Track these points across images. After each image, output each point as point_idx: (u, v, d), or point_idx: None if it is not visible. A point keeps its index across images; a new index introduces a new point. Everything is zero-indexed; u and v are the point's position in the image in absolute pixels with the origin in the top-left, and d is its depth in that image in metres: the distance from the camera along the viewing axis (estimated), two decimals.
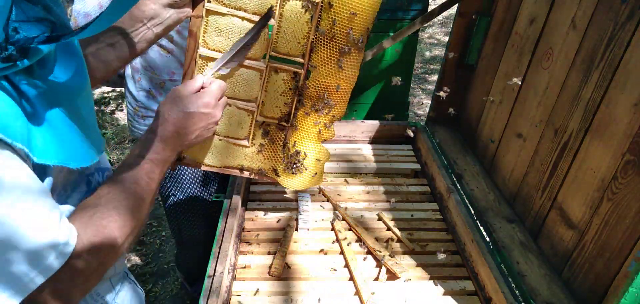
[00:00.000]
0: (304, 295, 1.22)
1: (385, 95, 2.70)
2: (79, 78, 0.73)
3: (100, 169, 0.91)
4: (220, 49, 1.18)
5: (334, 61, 1.22)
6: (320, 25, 1.17)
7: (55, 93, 0.67)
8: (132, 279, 1.12)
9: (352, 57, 1.22)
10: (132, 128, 1.90)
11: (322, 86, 1.25)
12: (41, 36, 0.60)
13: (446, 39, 6.23)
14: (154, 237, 3.04)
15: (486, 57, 1.79)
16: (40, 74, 0.66)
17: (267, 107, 1.28)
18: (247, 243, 1.40)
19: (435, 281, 1.28)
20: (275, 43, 1.20)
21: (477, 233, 1.35)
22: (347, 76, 1.25)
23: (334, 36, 1.18)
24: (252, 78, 1.22)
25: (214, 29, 1.15)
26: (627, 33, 1.10)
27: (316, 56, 1.21)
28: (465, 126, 1.94)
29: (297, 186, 1.38)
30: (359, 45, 1.20)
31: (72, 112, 0.70)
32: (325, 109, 1.28)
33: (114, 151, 3.90)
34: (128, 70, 1.82)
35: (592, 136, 1.19)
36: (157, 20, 1.03)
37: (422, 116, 4.46)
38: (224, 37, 1.16)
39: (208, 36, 1.17)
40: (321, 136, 1.34)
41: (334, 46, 1.20)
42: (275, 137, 1.32)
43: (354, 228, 1.45)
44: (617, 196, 1.09)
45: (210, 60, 1.19)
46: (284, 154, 1.33)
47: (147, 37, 1.04)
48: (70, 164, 0.69)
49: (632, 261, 0.98)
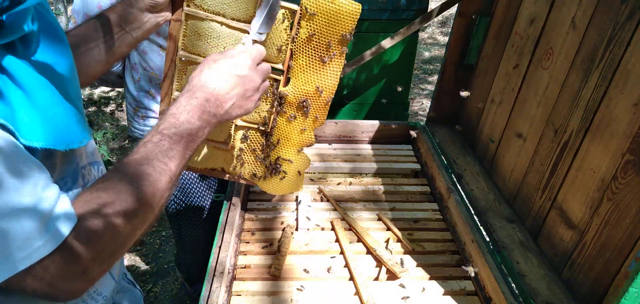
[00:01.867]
0: (304, 295, 1.22)
1: (385, 95, 2.70)
2: (65, 60, 0.72)
3: (95, 163, 0.89)
4: (201, 53, 1.18)
5: (314, 69, 1.22)
6: (300, 33, 1.17)
7: (42, 73, 0.67)
8: (130, 279, 1.12)
9: (332, 65, 1.21)
10: (132, 128, 1.90)
11: (302, 93, 1.24)
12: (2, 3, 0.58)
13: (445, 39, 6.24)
14: (154, 237, 3.04)
15: (486, 57, 1.79)
16: (24, 53, 0.65)
17: None
18: (247, 243, 1.40)
19: (435, 281, 1.28)
20: None
21: (477, 232, 1.35)
22: (327, 84, 1.24)
23: (313, 44, 1.18)
24: None
25: (194, 33, 1.16)
26: (627, 33, 1.10)
27: (296, 64, 1.21)
28: (465, 126, 1.94)
29: (276, 191, 1.40)
30: (339, 53, 1.20)
31: (59, 94, 0.69)
32: (305, 116, 1.28)
33: (114, 151, 3.90)
34: (127, 70, 1.82)
35: (592, 136, 1.19)
36: (135, 25, 1.03)
37: (422, 116, 4.46)
38: (204, 41, 1.16)
39: (188, 40, 1.17)
40: (301, 142, 1.33)
41: (313, 54, 1.20)
42: (254, 143, 1.33)
43: (354, 228, 1.45)
44: (617, 196, 1.09)
45: (192, 64, 1.19)
46: (264, 159, 1.34)
47: (127, 41, 1.04)
48: (59, 146, 0.67)
49: (632, 261, 0.98)
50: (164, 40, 1.69)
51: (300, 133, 1.31)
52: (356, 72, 2.63)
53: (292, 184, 1.39)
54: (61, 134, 0.68)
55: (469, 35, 1.82)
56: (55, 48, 0.71)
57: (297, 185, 1.40)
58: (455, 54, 1.87)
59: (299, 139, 1.33)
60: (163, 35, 1.68)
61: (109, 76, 1.91)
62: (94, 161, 0.89)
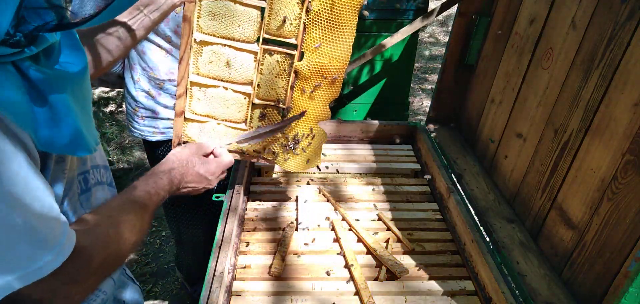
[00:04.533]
0: (304, 295, 1.22)
1: (385, 95, 2.70)
2: (81, 68, 0.74)
3: (96, 167, 0.91)
4: (215, 33, 1.20)
5: (327, 41, 1.22)
6: (312, 5, 1.18)
7: (61, 82, 0.69)
8: (129, 275, 1.12)
9: (345, 36, 1.22)
10: (132, 128, 1.90)
11: (316, 66, 1.26)
12: (50, 24, 0.61)
13: (446, 38, 6.23)
14: (154, 237, 3.04)
15: (486, 57, 1.79)
16: (46, 63, 0.67)
17: (263, 90, 1.29)
18: (247, 243, 1.40)
19: (435, 281, 1.28)
20: (268, 25, 1.21)
21: (477, 233, 1.35)
22: (340, 55, 1.25)
23: (325, 16, 1.19)
24: (247, 61, 1.24)
25: (208, 14, 1.18)
26: (627, 33, 1.10)
27: (309, 37, 1.22)
28: (465, 126, 1.94)
29: (295, 168, 1.41)
30: (351, 23, 1.21)
31: (75, 102, 0.72)
32: (320, 89, 1.29)
33: (114, 151, 3.90)
34: (127, 70, 1.82)
35: (592, 136, 1.19)
36: (153, 7, 1.07)
37: (422, 116, 4.46)
38: (218, 21, 1.18)
39: (202, 21, 1.19)
40: (317, 116, 1.35)
41: (326, 26, 1.20)
42: (272, 120, 1.34)
43: (354, 228, 1.45)
44: (617, 196, 1.09)
45: (205, 45, 1.21)
46: (282, 136, 1.35)
47: (145, 24, 1.07)
48: (74, 152, 0.71)
49: (632, 261, 0.98)
50: (163, 40, 1.69)
51: (315, 107, 1.32)
52: (356, 72, 2.64)
53: (311, 160, 1.41)
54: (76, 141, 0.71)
55: (469, 36, 1.82)
56: (73, 55, 0.73)
57: (314, 161, 1.42)
58: (455, 54, 1.87)
59: (315, 113, 1.34)
60: (162, 35, 1.68)
61: (109, 76, 1.91)
62: (95, 164, 0.90)
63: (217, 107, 1.30)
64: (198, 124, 1.32)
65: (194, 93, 1.29)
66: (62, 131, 0.68)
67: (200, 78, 1.27)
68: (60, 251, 0.65)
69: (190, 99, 1.29)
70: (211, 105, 1.30)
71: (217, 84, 1.28)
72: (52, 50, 0.69)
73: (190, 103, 1.30)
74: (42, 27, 0.61)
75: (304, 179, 1.72)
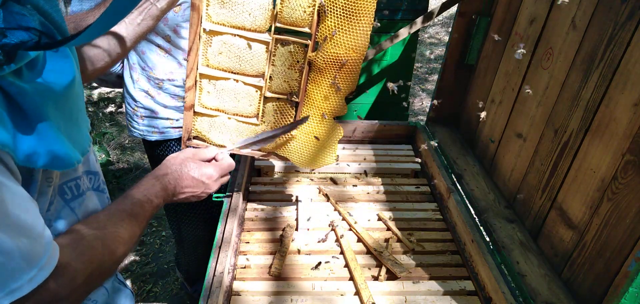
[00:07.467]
0: (304, 295, 1.22)
1: (385, 95, 2.70)
2: (68, 78, 0.72)
3: (89, 173, 0.89)
4: (225, 23, 1.16)
5: (343, 30, 1.15)
6: None
7: (44, 95, 0.66)
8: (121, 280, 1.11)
9: (361, 24, 1.14)
10: (131, 128, 1.90)
11: (332, 57, 1.19)
12: (29, 43, 0.59)
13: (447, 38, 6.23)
14: (154, 237, 3.04)
15: (486, 57, 1.79)
16: (29, 76, 0.65)
17: (276, 82, 1.23)
18: (247, 243, 1.40)
19: (435, 281, 1.28)
20: (281, 13, 1.14)
21: (477, 232, 1.35)
22: (357, 45, 1.18)
23: (341, 3, 1.12)
24: (258, 51, 1.18)
25: (217, 2, 1.14)
26: (627, 33, 1.09)
27: (323, 26, 1.16)
28: (465, 126, 1.94)
29: (310, 164, 1.36)
30: (369, 11, 1.13)
31: (59, 114, 0.69)
32: (336, 81, 1.22)
33: (114, 151, 3.90)
34: (126, 70, 1.82)
35: (592, 136, 1.19)
36: None
37: (422, 116, 4.46)
38: (228, 9, 1.13)
39: (211, 9, 1.14)
40: (332, 110, 1.28)
41: (341, 14, 1.13)
42: (286, 114, 1.27)
43: (354, 228, 1.45)
44: (617, 196, 1.09)
45: (215, 35, 1.17)
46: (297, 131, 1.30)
47: (152, 13, 1.06)
48: (56, 167, 0.68)
49: (632, 261, 0.98)
50: (162, 40, 1.69)
51: (331, 101, 1.26)
52: None
53: (325, 157, 1.35)
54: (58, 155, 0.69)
55: (469, 36, 1.82)
56: (59, 65, 0.71)
57: (329, 158, 1.35)
58: (455, 54, 1.87)
59: (331, 107, 1.28)
60: (161, 35, 1.68)
61: (108, 77, 1.91)
62: (88, 170, 0.89)
63: (228, 100, 1.25)
64: (208, 119, 1.28)
65: (204, 86, 1.24)
66: (42, 147, 0.65)
67: (210, 70, 1.22)
68: (42, 268, 0.64)
69: (199, 92, 1.25)
70: (221, 98, 1.25)
71: (228, 76, 1.23)
72: (35, 63, 0.66)
73: (200, 96, 1.26)
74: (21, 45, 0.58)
75: (304, 179, 1.72)
